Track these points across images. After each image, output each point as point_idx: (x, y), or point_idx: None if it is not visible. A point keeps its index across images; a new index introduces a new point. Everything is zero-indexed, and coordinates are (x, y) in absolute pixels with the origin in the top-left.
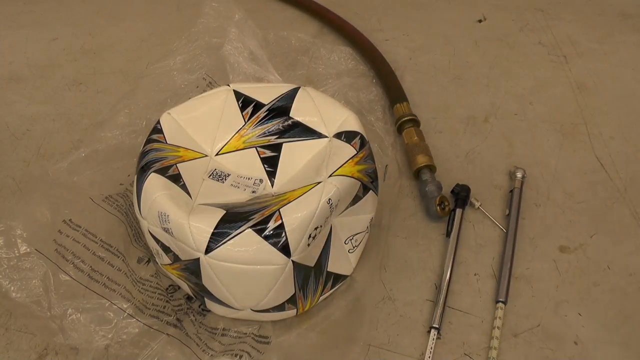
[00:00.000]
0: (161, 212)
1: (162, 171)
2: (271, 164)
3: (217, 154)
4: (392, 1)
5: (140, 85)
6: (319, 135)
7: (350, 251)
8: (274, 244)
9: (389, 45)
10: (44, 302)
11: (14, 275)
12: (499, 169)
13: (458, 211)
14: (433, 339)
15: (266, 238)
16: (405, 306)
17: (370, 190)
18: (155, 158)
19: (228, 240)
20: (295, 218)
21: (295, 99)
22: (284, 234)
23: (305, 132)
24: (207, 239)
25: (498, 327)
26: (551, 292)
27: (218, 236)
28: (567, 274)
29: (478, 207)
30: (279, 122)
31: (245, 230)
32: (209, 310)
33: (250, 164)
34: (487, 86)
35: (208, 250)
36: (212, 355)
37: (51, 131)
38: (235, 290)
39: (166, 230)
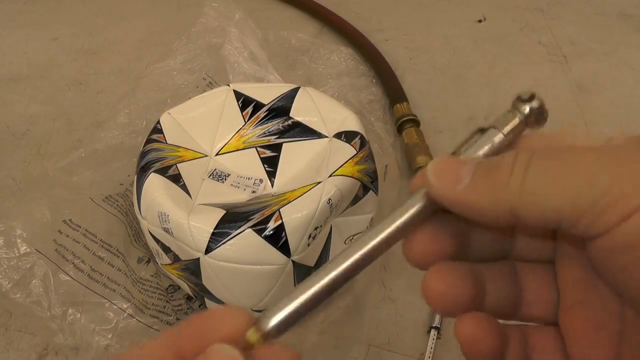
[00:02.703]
0: (161, 212)
1: (162, 171)
2: (271, 164)
3: (217, 154)
4: (392, 1)
5: (140, 85)
6: (319, 135)
7: None
8: (274, 244)
9: (389, 45)
10: (44, 302)
11: (14, 275)
12: None
13: None
14: (433, 339)
15: (266, 238)
16: (405, 306)
17: (370, 190)
18: (155, 158)
19: (228, 240)
20: (295, 218)
21: (295, 99)
22: (284, 234)
23: (306, 132)
24: (207, 239)
25: None
26: None
27: (218, 236)
28: None
29: None
30: (279, 122)
31: (245, 230)
32: None
33: (250, 164)
34: (487, 86)
35: (208, 250)
36: None
37: (51, 131)
38: (235, 290)
39: (166, 230)
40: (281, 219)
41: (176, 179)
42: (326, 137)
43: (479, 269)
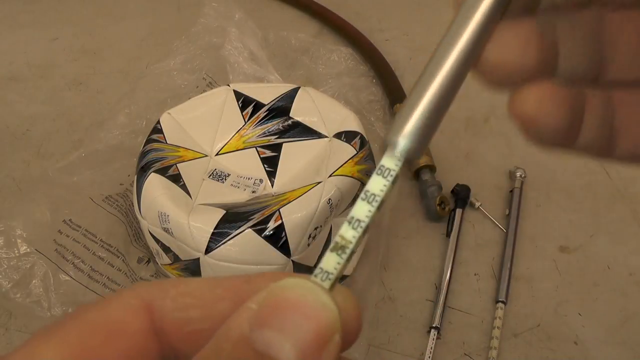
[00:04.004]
0: (161, 212)
1: (162, 171)
2: (271, 164)
3: (217, 154)
4: (392, 1)
5: (140, 85)
6: (319, 135)
7: None
8: (274, 244)
9: (389, 45)
10: (44, 302)
11: (14, 275)
12: (499, 169)
13: (458, 211)
14: (433, 339)
15: (266, 238)
16: (405, 306)
17: None
18: (155, 158)
19: (228, 240)
20: (295, 218)
21: (295, 99)
22: (284, 234)
23: (305, 132)
24: (207, 239)
25: (498, 327)
26: (551, 292)
27: (218, 236)
28: (567, 274)
29: (478, 207)
30: (279, 122)
31: (245, 230)
32: None
33: (250, 164)
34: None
35: (208, 250)
36: None
37: (51, 131)
38: None
39: (166, 230)
40: (281, 219)
41: (176, 179)
42: (326, 137)
43: (549, 21)
